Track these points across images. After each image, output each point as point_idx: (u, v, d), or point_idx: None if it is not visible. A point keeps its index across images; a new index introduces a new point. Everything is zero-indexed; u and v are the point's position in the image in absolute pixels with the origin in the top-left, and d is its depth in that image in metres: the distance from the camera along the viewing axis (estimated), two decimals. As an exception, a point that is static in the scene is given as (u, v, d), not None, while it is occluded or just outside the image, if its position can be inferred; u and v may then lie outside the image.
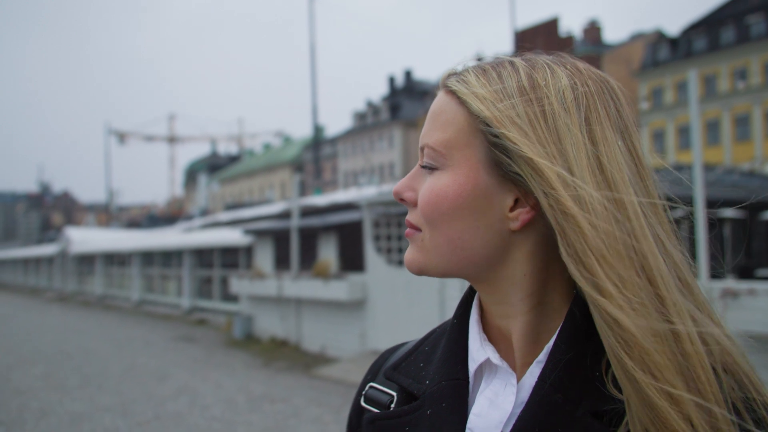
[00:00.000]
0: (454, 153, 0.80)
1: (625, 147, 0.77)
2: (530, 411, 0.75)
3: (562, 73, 0.78)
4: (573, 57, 0.84)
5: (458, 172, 0.79)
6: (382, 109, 75.40)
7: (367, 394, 0.98)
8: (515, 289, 0.80)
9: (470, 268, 0.81)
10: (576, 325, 0.76)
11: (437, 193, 0.80)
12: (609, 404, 0.72)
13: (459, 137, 0.79)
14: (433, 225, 0.81)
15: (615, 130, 0.77)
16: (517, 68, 0.80)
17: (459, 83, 0.81)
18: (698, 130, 7.71)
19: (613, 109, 0.78)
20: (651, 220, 0.74)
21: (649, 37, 58.64)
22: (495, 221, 0.78)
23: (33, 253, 47.61)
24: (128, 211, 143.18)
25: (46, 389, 10.37)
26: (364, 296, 12.10)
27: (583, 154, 0.74)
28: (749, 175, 19.06)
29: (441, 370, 0.87)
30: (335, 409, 8.73)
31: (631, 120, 0.80)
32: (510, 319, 0.82)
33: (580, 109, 0.76)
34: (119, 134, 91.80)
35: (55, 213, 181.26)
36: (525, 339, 0.81)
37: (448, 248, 0.80)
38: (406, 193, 0.85)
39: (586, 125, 0.75)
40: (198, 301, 22.29)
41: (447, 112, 0.81)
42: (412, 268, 0.85)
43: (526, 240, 0.79)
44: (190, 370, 11.91)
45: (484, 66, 0.82)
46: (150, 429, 8.00)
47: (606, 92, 0.79)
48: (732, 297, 6.68)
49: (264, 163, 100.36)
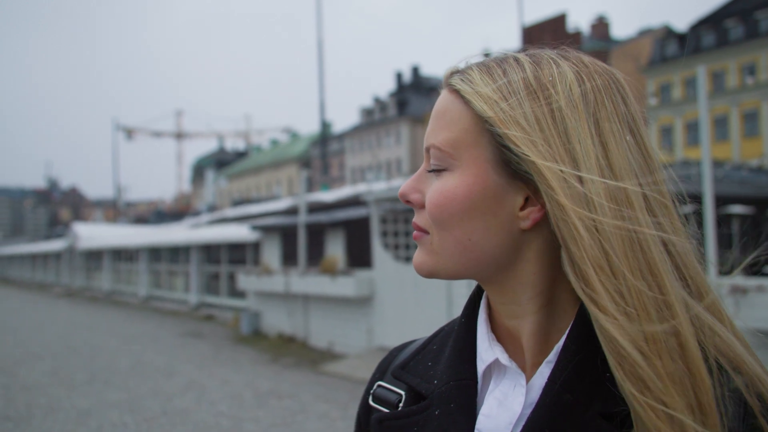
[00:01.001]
0: (461, 153, 0.78)
1: (634, 142, 0.76)
2: (540, 412, 0.74)
3: (567, 69, 0.77)
4: (578, 50, 0.82)
5: (466, 172, 0.78)
6: (389, 105, 75.31)
7: (375, 393, 0.97)
8: (525, 288, 0.79)
9: (481, 270, 0.80)
10: (586, 325, 0.75)
11: (446, 195, 0.78)
12: (620, 406, 0.71)
13: (465, 136, 0.78)
14: (442, 227, 0.79)
15: (623, 125, 0.75)
16: (522, 64, 0.78)
17: (463, 82, 0.80)
18: (707, 125, 7.67)
19: (620, 104, 0.77)
20: (660, 217, 0.73)
21: (657, 32, 58.45)
22: (505, 221, 0.77)
23: (41, 248, 47.78)
24: (136, 206, 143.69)
25: (53, 385, 10.41)
26: (372, 292, 12.10)
27: (592, 152, 0.73)
28: (758, 171, 19.00)
29: (449, 370, 0.86)
30: (342, 405, 8.73)
31: (639, 114, 0.79)
32: (519, 319, 0.81)
33: (588, 105, 0.74)
34: (127, 130, 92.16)
35: (63, 209, 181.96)
36: (534, 339, 0.80)
37: (457, 250, 0.79)
38: (412, 195, 0.84)
39: (594, 122, 0.74)
40: (205, 297, 22.34)
41: (452, 111, 0.80)
42: (422, 271, 0.83)
43: (537, 238, 0.78)
44: (198, 365, 11.94)
45: (488, 63, 0.80)
46: (157, 425, 8.02)
47: (613, 86, 0.77)
48: (741, 294, 6.65)
49: (271, 159, 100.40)
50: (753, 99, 46.44)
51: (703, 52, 48.70)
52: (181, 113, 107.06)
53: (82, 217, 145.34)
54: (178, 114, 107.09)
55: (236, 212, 29.51)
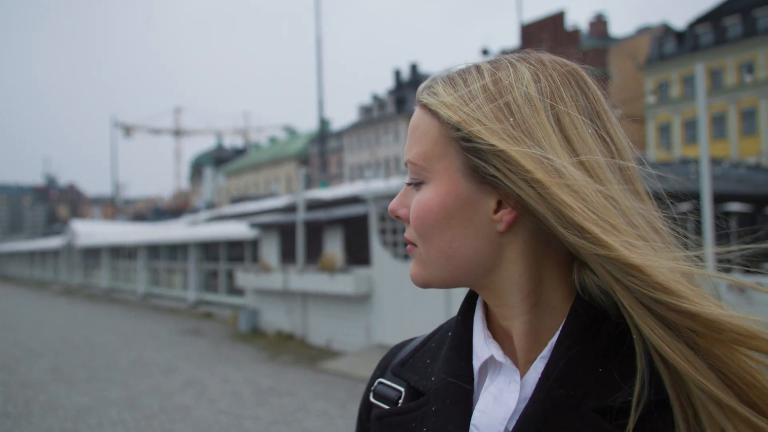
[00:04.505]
0: (432, 164, 0.81)
1: (596, 134, 0.79)
2: (533, 406, 0.76)
3: (525, 69, 0.80)
4: (540, 51, 0.85)
5: (439, 183, 0.81)
6: (387, 103, 75.27)
7: (375, 390, 0.99)
8: (514, 290, 0.81)
9: (468, 276, 0.83)
10: (579, 321, 0.77)
11: (422, 207, 0.82)
12: (615, 400, 0.72)
13: (435, 148, 0.81)
14: (425, 239, 0.83)
15: (585, 117, 0.78)
16: (482, 72, 0.82)
17: (429, 95, 0.83)
18: (705, 123, 7.67)
19: (581, 98, 0.80)
20: (626, 185, 0.77)
21: (655, 30, 58.39)
22: (482, 226, 0.80)
23: (39, 246, 47.75)
24: (134, 204, 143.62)
25: (53, 382, 10.42)
26: (370, 290, 12.11)
27: (555, 141, 0.76)
28: (755, 169, 19.03)
29: (445, 367, 0.88)
30: (341, 402, 8.75)
31: (604, 105, 0.82)
32: (511, 320, 0.83)
33: (544, 101, 0.78)
34: (125, 127, 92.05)
35: (61, 206, 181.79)
36: (526, 338, 0.82)
37: (442, 259, 0.82)
38: (400, 210, 0.88)
39: (554, 115, 0.77)
40: (204, 295, 22.34)
41: (422, 126, 0.83)
42: (417, 282, 0.87)
43: (515, 239, 0.80)
44: (197, 363, 11.95)
45: (452, 75, 0.84)
46: (157, 422, 8.03)
47: (572, 81, 0.81)
48: (739, 291, 6.66)
49: (270, 156, 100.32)
50: (751, 97, 46.44)
51: (701, 50, 48.70)
52: (179, 110, 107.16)
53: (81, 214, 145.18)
54: (176, 111, 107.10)
55: (235, 210, 29.47)
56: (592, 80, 0.83)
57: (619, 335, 0.75)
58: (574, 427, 0.73)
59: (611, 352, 0.75)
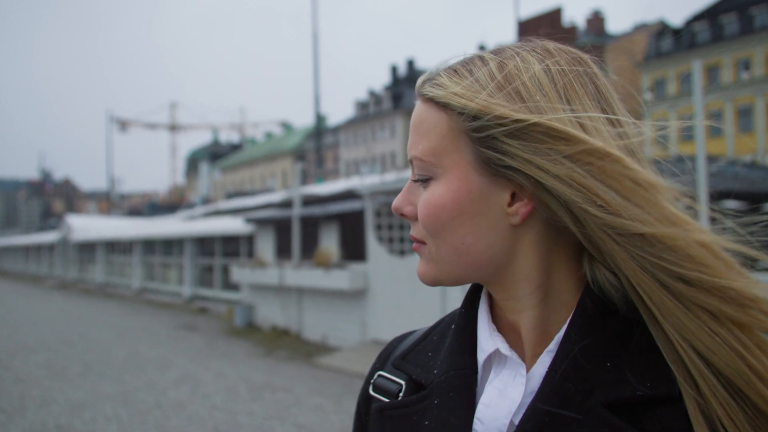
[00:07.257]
0: (442, 160, 0.79)
1: (608, 122, 0.77)
2: (540, 400, 0.75)
3: (532, 59, 0.78)
4: (540, 38, 0.83)
5: (450, 178, 0.78)
6: (384, 99, 75.30)
7: (375, 383, 0.98)
8: (524, 284, 0.80)
9: (481, 271, 0.81)
10: (587, 314, 0.76)
11: (434, 205, 0.79)
12: (623, 394, 0.71)
13: (444, 143, 0.79)
14: (436, 236, 0.80)
15: (594, 104, 0.77)
16: (487, 62, 0.79)
17: (434, 88, 0.80)
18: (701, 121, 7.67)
19: (589, 85, 0.78)
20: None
21: (652, 27, 58.51)
22: (496, 220, 0.78)
23: (34, 240, 47.71)
24: (129, 199, 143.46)
25: (47, 377, 10.40)
26: (366, 285, 12.11)
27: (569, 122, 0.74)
28: (751, 167, 19.05)
29: (449, 359, 0.87)
30: (336, 398, 8.75)
31: (611, 92, 0.80)
32: (519, 313, 0.82)
33: (557, 89, 0.76)
34: (121, 122, 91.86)
35: (57, 200, 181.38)
36: (534, 331, 0.81)
37: (455, 256, 0.80)
38: (405, 208, 0.85)
39: (566, 102, 0.75)
40: (199, 290, 22.32)
41: (428, 120, 0.81)
42: (426, 281, 0.84)
43: (529, 232, 0.78)
44: (192, 358, 11.94)
45: (455, 66, 0.82)
46: (151, 417, 8.02)
47: (579, 68, 0.79)
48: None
49: (265, 151, 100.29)
50: (747, 94, 46.54)
51: (698, 47, 48.79)
52: (175, 105, 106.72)
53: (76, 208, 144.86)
54: (172, 106, 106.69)
55: (230, 205, 29.46)
56: (597, 67, 0.81)
57: (628, 329, 0.74)
58: (582, 421, 0.72)
59: (620, 346, 0.74)
